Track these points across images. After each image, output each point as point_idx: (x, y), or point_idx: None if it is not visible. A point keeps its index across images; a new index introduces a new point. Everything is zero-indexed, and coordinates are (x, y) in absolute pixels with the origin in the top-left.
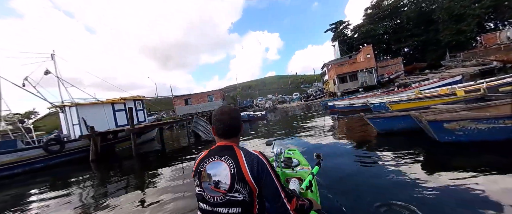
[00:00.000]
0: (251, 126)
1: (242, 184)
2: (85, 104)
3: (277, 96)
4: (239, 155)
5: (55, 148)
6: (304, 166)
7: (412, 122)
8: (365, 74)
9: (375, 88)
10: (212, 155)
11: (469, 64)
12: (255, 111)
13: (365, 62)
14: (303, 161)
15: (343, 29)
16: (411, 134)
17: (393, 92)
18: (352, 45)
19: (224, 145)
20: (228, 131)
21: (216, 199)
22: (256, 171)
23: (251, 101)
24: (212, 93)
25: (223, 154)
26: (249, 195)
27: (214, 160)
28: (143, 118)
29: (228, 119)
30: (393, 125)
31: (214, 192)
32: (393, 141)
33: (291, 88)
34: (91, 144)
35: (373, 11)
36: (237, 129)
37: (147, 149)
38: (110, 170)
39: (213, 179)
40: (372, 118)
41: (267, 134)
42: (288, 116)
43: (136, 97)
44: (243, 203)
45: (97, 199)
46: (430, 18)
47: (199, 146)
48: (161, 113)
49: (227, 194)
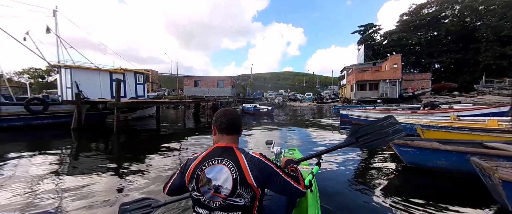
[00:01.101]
0: (254, 121)
1: (245, 188)
2: (80, 67)
3: (289, 92)
4: (240, 159)
5: (38, 108)
6: (304, 166)
7: (459, 163)
8: (387, 85)
9: (395, 102)
10: (211, 157)
11: (507, 92)
12: (262, 105)
13: (390, 72)
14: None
15: (372, 33)
16: (453, 180)
17: (420, 112)
18: (379, 51)
19: (224, 146)
20: (232, 125)
21: (215, 203)
22: (260, 174)
23: (261, 93)
24: (222, 78)
25: (223, 157)
26: (251, 199)
27: (214, 163)
28: (142, 92)
29: (230, 115)
30: (428, 159)
31: (213, 197)
32: (427, 185)
33: (305, 87)
34: (75, 112)
35: (409, 18)
36: (238, 126)
37: (141, 126)
38: (89, 143)
39: (213, 183)
40: (400, 145)
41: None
42: (295, 118)
43: (137, 70)
44: (244, 207)
45: (48, 176)
46: (472, 36)
47: (196, 133)
48: (164, 90)
49: (228, 198)
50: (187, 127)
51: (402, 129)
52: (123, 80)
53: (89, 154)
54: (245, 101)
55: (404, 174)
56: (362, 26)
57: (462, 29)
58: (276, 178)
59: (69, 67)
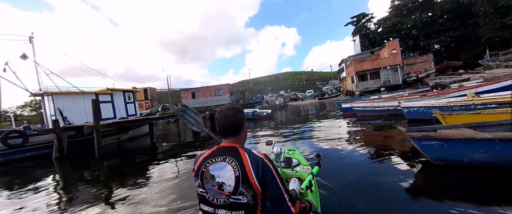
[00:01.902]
0: (255, 125)
1: (247, 187)
2: (62, 92)
3: (289, 92)
4: (243, 157)
5: (17, 141)
6: (304, 166)
7: (507, 153)
8: (388, 72)
9: (399, 88)
10: (215, 155)
11: None
12: (262, 109)
13: (389, 59)
14: (303, 161)
15: (365, 22)
16: (501, 176)
17: (430, 94)
18: (375, 40)
19: (228, 146)
20: (227, 128)
21: (219, 201)
22: (261, 175)
23: (261, 97)
24: (219, 87)
25: (227, 155)
26: (253, 198)
27: (218, 160)
28: (133, 111)
29: (224, 117)
30: (462, 153)
31: (217, 194)
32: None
33: (305, 85)
34: (55, 140)
35: (401, 2)
36: (235, 127)
37: (135, 145)
38: (72, 171)
39: (216, 180)
40: (421, 139)
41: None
42: (299, 117)
43: (125, 89)
44: (247, 206)
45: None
46: (469, 11)
47: (193, 147)
48: (157, 107)
49: (231, 196)
50: (187, 141)
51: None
52: (111, 101)
53: (65, 184)
54: (245, 107)
55: (429, 174)
56: (354, 16)
57: (457, 6)
58: (272, 181)
59: (50, 94)
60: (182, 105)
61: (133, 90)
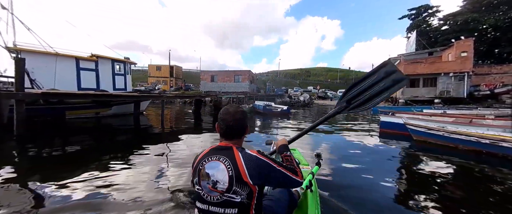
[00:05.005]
0: (264, 121)
1: (241, 186)
2: (34, 51)
3: (318, 89)
4: (237, 157)
5: None
6: (304, 166)
7: None
8: (450, 80)
9: (461, 102)
10: (211, 154)
11: None
12: (279, 103)
13: (455, 63)
14: (303, 161)
15: (427, 16)
16: None
17: None
18: (436, 39)
19: (225, 145)
20: (230, 132)
21: (213, 198)
22: (259, 171)
23: (285, 90)
24: (239, 73)
25: (221, 154)
26: (247, 196)
27: (213, 159)
28: (122, 85)
29: (230, 120)
30: None
31: (211, 191)
32: None
33: (338, 84)
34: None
35: None
36: (239, 131)
37: (117, 123)
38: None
39: (211, 178)
40: None
41: None
42: (314, 120)
43: (115, 58)
44: (240, 204)
45: None
46: None
47: (177, 137)
48: (154, 84)
49: (225, 194)
50: (173, 129)
51: (405, 76)
52: (96, 69)
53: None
54: (263, 98)
55: None
56: (413, 9)
57: None
58: (274, 172)
59: (18, 50)
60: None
61: (125, 60)
